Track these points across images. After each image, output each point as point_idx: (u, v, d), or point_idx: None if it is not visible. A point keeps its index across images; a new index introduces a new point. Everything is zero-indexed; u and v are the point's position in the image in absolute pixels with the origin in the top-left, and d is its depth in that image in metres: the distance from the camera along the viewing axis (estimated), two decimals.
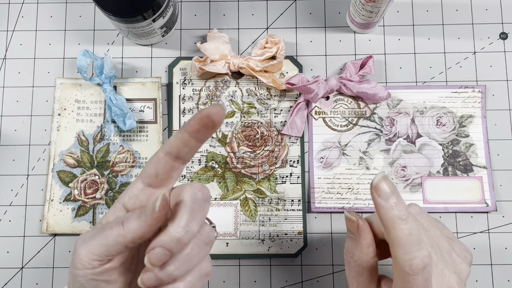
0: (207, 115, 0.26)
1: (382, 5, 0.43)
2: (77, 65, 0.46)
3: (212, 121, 0.26)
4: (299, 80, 0.46)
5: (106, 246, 0.27)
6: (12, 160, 0.48)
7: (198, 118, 0.27)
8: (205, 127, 0.27)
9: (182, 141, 0.28)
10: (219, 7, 0.50)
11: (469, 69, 0.49)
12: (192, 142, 0.28)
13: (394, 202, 0.28)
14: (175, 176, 0.30)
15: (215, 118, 0.26)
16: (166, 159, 0.28)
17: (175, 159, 0.29)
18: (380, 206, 0.28)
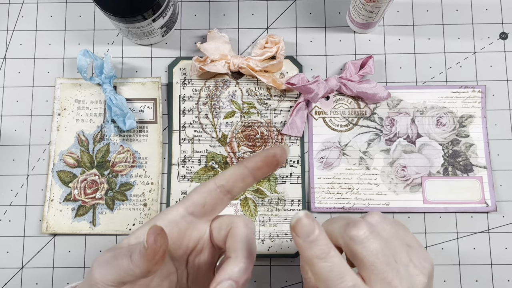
0: (274, 155, 0.28)
1: (382, 5, 0.43)
2: (77, 65, 0.46)
3: (276, 161, 0.28)
4: (299, 80, 0.46)
5: (118, 275, 0.27)
6: (12, 160, 0.48)
7: (264, 156, 0.28)
8: (268, 166, 0.28)
9: (241, 176, 0.28)
10: (219, 7, 0.50)
11: (469, 69, 0.49)
12: (249, 179, 0.28)
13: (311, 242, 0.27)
14: (219, 210, 0.30)
15: (280, 158, 0.28)
16: (216, 192, 0.29)
17: (226, 193, 0.29)
18: (298, 246, 0.28)
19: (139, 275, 0.26)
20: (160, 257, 0.26)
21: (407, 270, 0.30)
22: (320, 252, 0.27)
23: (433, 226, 0.46)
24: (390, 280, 0.29)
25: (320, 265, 0.27)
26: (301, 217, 0.27)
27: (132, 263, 0.26)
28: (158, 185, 0.47)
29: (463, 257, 0.46)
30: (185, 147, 0.48)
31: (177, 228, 0.29)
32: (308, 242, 0.27)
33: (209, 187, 0.29)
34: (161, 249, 0.25)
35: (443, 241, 0.46)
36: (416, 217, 0.46)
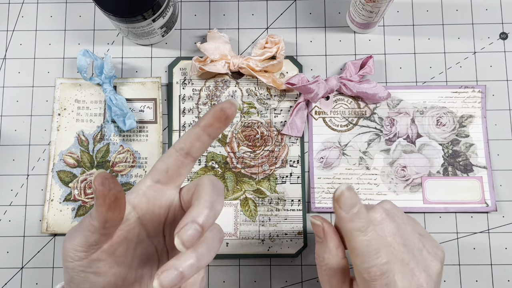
0: (221, 108, 0.28)
1: (382, 5, 0.43)
2: (77, 65, 0.46)
3: (225, 114, 0.28)
4: (299, 80, 0.46)
5: (85, 236, 0.27)
6: (12, 160, 0.48)
7: (212, 111, 0.28)
8: (218, 120, 0.28)
9: (194, 135, 0.29)
10: (219, 7, 0.50)
11: (469, 69, 0.49)
12: (204, 137, 0.29)
13: (354, 214, 0.29)
14: (184, 174, 0.30)
15: (228, 111, 0.28)
16: (176, 155, 0.29)
17: (186, 156, 0.29)
18: (341, 218, 0.29)
19: (99, 227, 0.26)
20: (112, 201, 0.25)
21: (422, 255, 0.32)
22: (361, 225, 0.29)
23: (433, 226, 0.46)
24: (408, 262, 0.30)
25: (360, 238, 0.29)
26: (344, 189, 0.29)
27: (91, 217, 0.26)
28: None
29: (463, 257, 0.46)
30: None
31: (146, 198, 0.29)
32: (351, 214, 0.29)
33: (169, 152, 0.29)
34: (111, 192, 0.25)
35: (443, 241, 0.46)
36: (416, 217, 0.46)
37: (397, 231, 0.31)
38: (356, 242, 0.29)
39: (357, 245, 0.29)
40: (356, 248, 0.29)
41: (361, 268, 0.29)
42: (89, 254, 0.27)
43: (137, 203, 0.29)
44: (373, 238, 0.29)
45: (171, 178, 0.30)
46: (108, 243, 0.28)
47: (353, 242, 0.29)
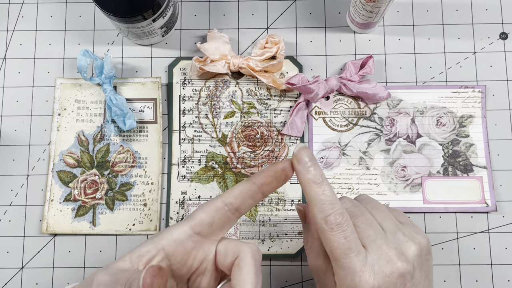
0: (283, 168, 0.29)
1: (382, 5, 0.43)
2: (77, 65, 0.46)
3: (285, 174, 0.29)
4: (299, 80, 0.46)
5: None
6: (12, 160, 0.48)
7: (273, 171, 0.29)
8: (278, 180, 0.29)
9: (250, 193, 0.29)
10: (219, 7, 0.50)
11: (469, 69, 0.49)
12: (258, 195, 0.29)
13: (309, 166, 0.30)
14: (227, 229, 0.30)
15: (289, 172, 0.29)
16: (225, 210, 0.29)
17: (234, 212, 0.29)
18: (298, 171, 0.30)
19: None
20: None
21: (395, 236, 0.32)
22: (316, 177, 0.30)
23: (433, 226, 0.46)
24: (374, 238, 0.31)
25: (315, 189, 0.30)
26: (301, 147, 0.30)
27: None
28: (158, 185, 0.47)
29: (463, 257, 0.46)
30: (185, 147, 0.48)
31: (183, 248, 0.28)
32: (307, 168, 0.30)
33: (217, 205, 0.29)
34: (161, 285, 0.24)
35: (443, 241, 0.46)
36: (416, 217, 0.46)
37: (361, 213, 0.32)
38: (312, 192, 0.30)
39: (313, 194, 0.30)
40: (312, 198, 0.30)
41: (319, 218, 0.30)
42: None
43: (172, 252, 0.28)
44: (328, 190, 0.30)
45: (214, 232, 0.29)
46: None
47: (310, 192, 0.30)
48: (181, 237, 0.28)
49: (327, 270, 0.33)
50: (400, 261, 0.30)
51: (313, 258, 0.34)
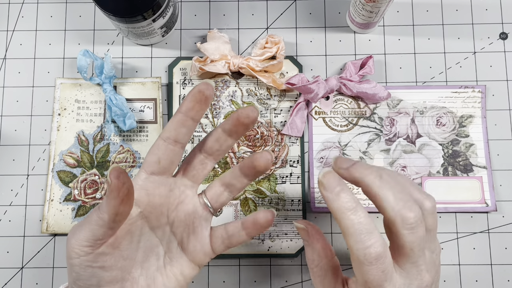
0: (198, 90, 0.29)
1: (382, 5, 0.43)
2: (77, 65, 0.46)
3: (204, 95, 0.29)
4: (299, 80, 0.46)
5: (91, 231, 0.27)
6: (12, 160, 0.48)
7: (191, 95, 0.29)
8: (199, 102, 0.29)
9: (178, 122, 0.30)
10: (219, 7, 0.50)
11: (469, 69, 0.49)
12: (188, 122, 0.30)
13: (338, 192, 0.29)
14: (176, 161, 0.31)
15: (206, 92, 0.29)
16: (165, 145, 0.30)
17: (174, 143, 0.30)
18: (327, 199, 0.29)
19: (109, 221, 0.27)
20: (125, 195, 0.26)
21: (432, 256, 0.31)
22: (349, 204, 0.28)
23: None
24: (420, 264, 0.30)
25: (350, 216, 0.28)
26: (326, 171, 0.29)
27: (100, 211, 0.27)
28: None
29: (463, 257, 0.46)
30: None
31: (144, 191, 0.30)
32: (336, 194, 0.29)
33: (158, 143, 0.30)
34: (124, 186, 0.26)
35: (443, 241, 0.46)
36: None
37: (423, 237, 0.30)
38: (345, 220, 0.28)
39: (347, 224, 0.28)
40: (347, 227, 0.28)
41: (356, 249, 0.28)
42: (94, 249, 0.28)
43: (137, 197, 0.30)
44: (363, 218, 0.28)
45: (165, 168, 0.30)
46: (113, 237, 0.29)
47: (343, 221, 0.28)
48: (140, 183, 0.30)
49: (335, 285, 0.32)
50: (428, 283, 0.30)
51: (320, 277, 0.33)
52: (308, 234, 0.34)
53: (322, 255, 0.33)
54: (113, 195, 0.26)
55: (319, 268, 0.33)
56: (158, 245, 0.32)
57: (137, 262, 0.31)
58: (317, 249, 0.33)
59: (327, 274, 0.33)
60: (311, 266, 0.34)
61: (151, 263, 0.31)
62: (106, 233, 0.28)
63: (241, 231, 0.32)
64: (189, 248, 0.32)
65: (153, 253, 0.32)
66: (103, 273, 0.29)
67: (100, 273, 0.28)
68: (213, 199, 0.33)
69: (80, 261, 0.28)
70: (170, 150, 0.30)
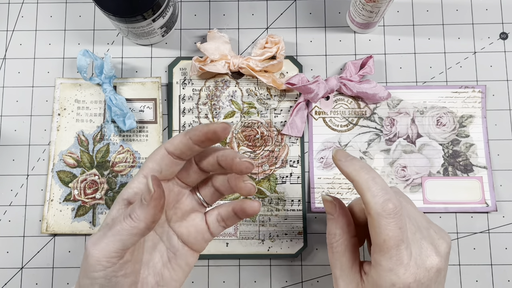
0: (214, 131, 0.29)
1: (382, 5, 0.43)
2: (77, 65, 0.46)
3: (217, 137, 0.29)
4: (299, 80, 0.46)
5: (121, 242, 0.27)
6: (12, 160, 0.48)
7: (205, 131, 0.29)
8: (209, 140, 0.29)
9: (186, 146, 0.30)
10: (219, 7, 0.50)
11: (469, 69, 0.49)
12: (195, 148, 0.30)
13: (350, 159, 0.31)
14: (176, 171, 0.31)
15: (221, 135, 0.29)
16: (169, 158, 0.30)
17: (177, 158, 0.30)
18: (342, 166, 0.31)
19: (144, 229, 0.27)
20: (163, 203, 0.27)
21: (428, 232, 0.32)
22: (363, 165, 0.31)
23: None
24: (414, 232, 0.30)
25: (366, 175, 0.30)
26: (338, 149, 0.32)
27: (134, 220, 0.27)
28: None
29: (463, 257, 0.46)
30: None
31: None
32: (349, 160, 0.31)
33: (161, 153, 0.30)
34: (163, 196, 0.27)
35: None
36: None
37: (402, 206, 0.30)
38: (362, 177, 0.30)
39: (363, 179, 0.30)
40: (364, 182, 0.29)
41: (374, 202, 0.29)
42: (120, 258, 0.28)
43: None
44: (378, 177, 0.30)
45: (165, 176, 0.31)
46: None
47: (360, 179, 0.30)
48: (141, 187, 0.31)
49: (353, 265, 0.32)
50: (438, 256, 0.30)
51: (339, 253, 0.33)
52: (335, 207, 0.34)
53: (345, 230, 0.33)
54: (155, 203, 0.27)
55: (339, 243, 0.33)
56: (159, 242, 0.32)
57: (144, 262, 0.31)
58: (342, 223, 0.33)
59: (346, 251, 0.33)
60: (332, 241, 0.34)
61: (156, 260, 0.32)
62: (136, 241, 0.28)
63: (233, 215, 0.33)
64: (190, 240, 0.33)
65: (157, 250, 0.32)
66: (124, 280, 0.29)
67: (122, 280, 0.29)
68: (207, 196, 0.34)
69: (105, 273, 0.28)
70: (172, 162, 0.30)
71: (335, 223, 0.34)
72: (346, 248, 0.33)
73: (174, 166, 0.31)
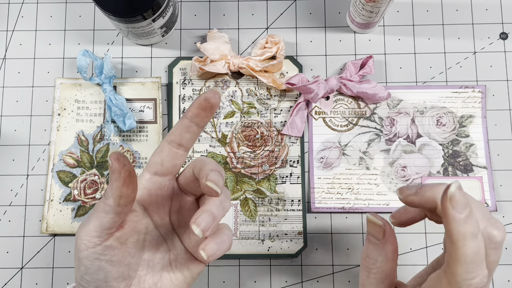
0: (205, 98, 0.29)
1: (382, 5, 0.43)
2: (77, 65, 0.46)
3: (209, 103, 0.29)
4: (299, 80, 0.46)
5: (99, 219, 0.28)
6: (12, 160, 0.48)
7: (197, 103, 0.29)
8: (204, 110, 0.29)
9: (183, 127, 0.30)
10: (219, 7, 0.50)
11: (469, 69, 0.49)
12: (193, 127, 0.30)
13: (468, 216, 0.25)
14: (179, 164, 0.31)
15: (212, 100, 0.29)
16: (169, 147, 0.31)
17: (178, 147, 0.31)
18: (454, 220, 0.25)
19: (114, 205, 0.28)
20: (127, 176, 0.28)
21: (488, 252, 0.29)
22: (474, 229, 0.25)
23: (433, 226, 0.46)
24: None
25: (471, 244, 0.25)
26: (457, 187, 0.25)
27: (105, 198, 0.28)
28: None
29: None
30: None
31: (147, 191, 0.31)
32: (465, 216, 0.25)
33: (162, 145, 0.31)
34: (125, 167, 0.28)
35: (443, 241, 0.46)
36: None
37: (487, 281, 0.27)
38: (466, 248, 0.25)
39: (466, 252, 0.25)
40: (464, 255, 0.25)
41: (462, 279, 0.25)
42: (103, 240, 0.29)
43: (140, 196, 0.31)
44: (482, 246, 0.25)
45: (167, 169, 0.31)
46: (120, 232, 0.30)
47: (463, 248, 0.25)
48: (143, 183, 0.31)
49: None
50: None
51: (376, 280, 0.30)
52: (385, 233, 0.30)
53: (390, 258, 0.30)
54: (115, 176, 0.28)
55: (380, 270, 0.30)
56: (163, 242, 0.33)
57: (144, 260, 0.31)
58: (388, 251, 0.30)
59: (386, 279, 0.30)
60: (371, 267, 0.30)
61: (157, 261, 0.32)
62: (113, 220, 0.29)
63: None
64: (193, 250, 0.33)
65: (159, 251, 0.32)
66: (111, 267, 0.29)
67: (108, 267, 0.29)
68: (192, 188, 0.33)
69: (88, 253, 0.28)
70: (173, 153, 0.31)
71: (379, 249, 0.30)
72: (386, 276, 0.30)
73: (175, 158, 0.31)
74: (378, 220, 0.30)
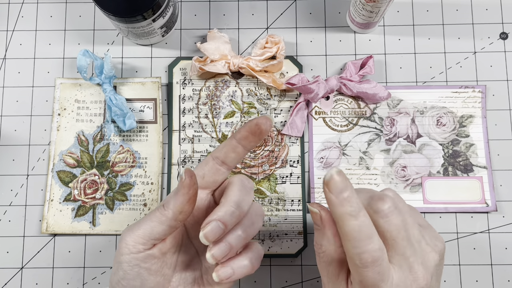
0: (256, 123, 0.30)
1: (382, 5, 0.43)
2: (77, 65, 0.46)
3: (259, 129, 0.30)
4: (299, 80, 0.46)
5: (151, 228, 0.29)
6: (12, 160, 0.48)
7: (248, 126, 0.31)
8: (253, 134, 0.30)
9: (230, 146, 0.31)
10: (219, 7, 0.50)
11: (469, 69, 0.49)
12: (239, 148, 0.31)
13: (344, 198, 0.28)
14: (220, 180, 0.32)
15: (263, 127, 0.30)
16: (213, 163, 0.32)
17: (221, 164, 0.32)
18: (331, 202, 0.28)
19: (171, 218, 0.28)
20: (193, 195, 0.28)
21: (420, 246, 0.31)
22: (351, 210, 0.28)
23: (433, 226, 0.46)
24: (408, 256, 0.30)
25: (350, 223, 0.28)
26: (334, 173, 0.27)
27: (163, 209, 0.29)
28: (158, 185, 0.47)
29: (463, 257, 0.46)
30: (185, 147, 0.48)
31: None
32: (341, 199, 0.28)
33: (207, 159, 0.32)
34: (195, 186, 0.28)
35: None
36: None
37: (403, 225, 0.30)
38: (346, 227, 0.28)
39: (348, 230, 0.28)
40: (346, 233, 0.28)
41: (352, 253, 0.28)
42: (147, 248, 0.29)
43: None
44: (364, 223, 0.28)
45: (208, 184, 0.32)
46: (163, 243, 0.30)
47: (344, 227, 0.28)
48: None
49: (340, 273, 0.32)
50: (424, 280, 0.30)
51: (325, 263, 0.33)
52: (322, 220, 0.32)
53: (331, 241, 0.32)
54: (184, 191, 0.28)
55: (326, 253, 0.32)
56: (195, 255, 0.33)
57: (177, 271, 0.32)
58: (328, 235, 0.32)
59: (333, 261, 0.32)
60: (318, 251, 0.33)
61: (189, 273, 0.33)
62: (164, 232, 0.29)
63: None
64: None
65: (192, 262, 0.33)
66: (148, 276, 0.30)
67: (146, 275, 0.29)
68: None
69: (130, 258, 0.29)
70: (216, 169, 0.32)
71: (321, 234, 0.33)
72: (332, 258, 0.32)
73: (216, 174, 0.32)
74: (315, 208, 0.33)
